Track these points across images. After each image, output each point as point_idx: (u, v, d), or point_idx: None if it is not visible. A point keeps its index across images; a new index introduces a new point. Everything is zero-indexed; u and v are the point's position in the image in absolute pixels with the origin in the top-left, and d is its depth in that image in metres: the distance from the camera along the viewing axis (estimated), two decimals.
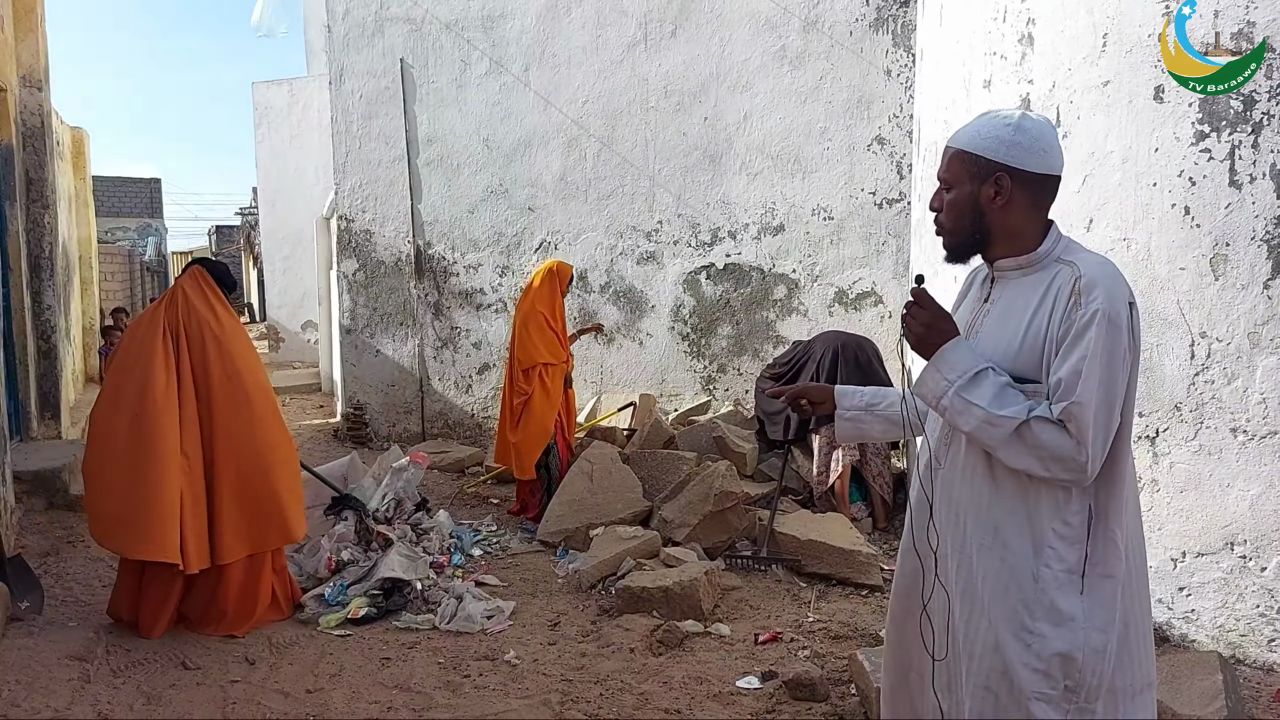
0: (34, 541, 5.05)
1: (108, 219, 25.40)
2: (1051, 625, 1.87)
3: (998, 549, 1.94)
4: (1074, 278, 1.87)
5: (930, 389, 1.93)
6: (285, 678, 3.59)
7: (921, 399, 2.00)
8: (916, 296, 1.95)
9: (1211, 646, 3.61)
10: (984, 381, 1.87)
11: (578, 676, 3.62)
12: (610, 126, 7.80)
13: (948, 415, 1.93)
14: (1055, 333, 1.86)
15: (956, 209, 2.00)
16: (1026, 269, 1.98)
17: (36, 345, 7.00)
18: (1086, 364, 1.80)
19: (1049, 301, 1.90)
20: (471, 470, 7.15)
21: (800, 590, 4.59)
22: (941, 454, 2.06)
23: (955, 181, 1.99)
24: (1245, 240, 3.50)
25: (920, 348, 1.94)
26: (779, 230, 7.69)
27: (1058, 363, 1.85)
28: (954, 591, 2.00)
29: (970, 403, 1.86)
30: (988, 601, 1.94)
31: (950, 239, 2.03)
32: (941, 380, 1.90)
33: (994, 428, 1.84)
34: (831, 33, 7.49)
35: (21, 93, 6.99)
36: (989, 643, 1.93)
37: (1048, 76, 4.17)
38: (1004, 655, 1.91)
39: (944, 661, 2.04)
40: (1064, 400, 1.81)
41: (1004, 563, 1.93)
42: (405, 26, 7.85)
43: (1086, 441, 1.80)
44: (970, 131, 2.01)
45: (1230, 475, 3.57)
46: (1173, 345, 3.70)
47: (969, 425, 1.88)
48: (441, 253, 8.04)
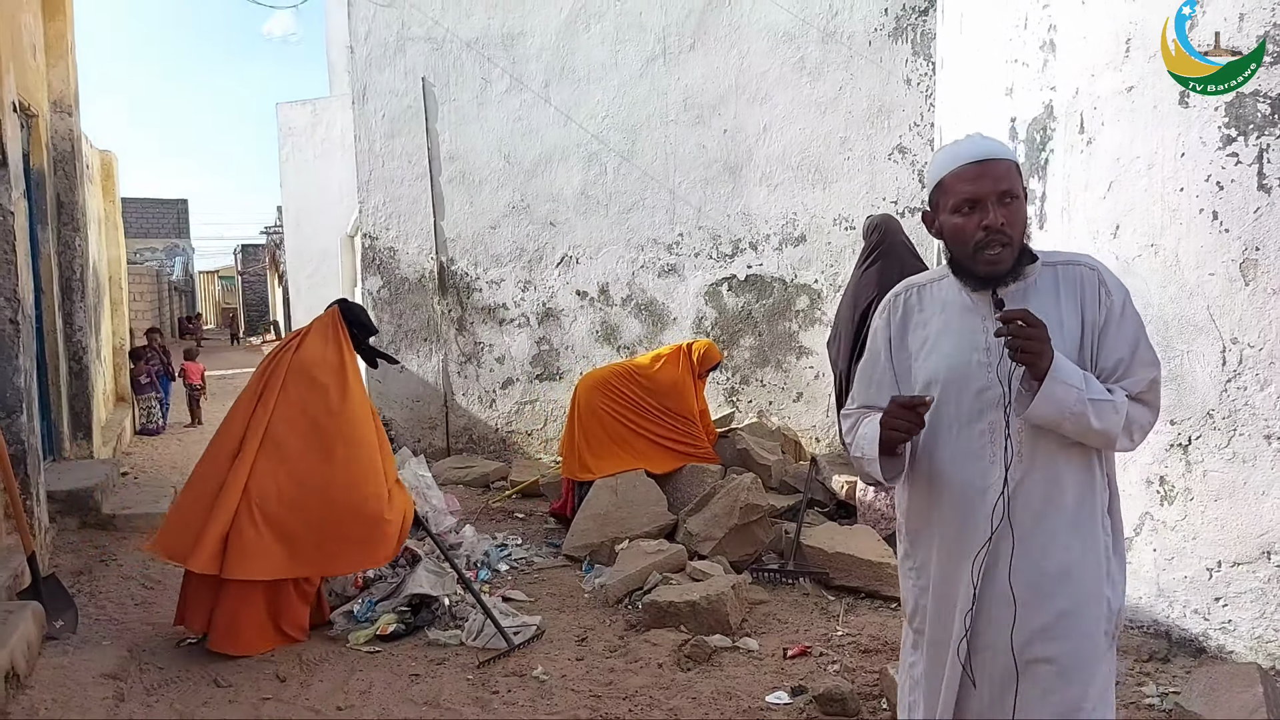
0: (68, 561, 5.12)
1: (136, 240, 25.81)
2: (1112, 589, 2.02)
3: (1077, 540, 1.98)
4: (1095, 273, 2.00)
5: (1061, 401, 1.88)
6: (316, 695, 3.61)
7: (1041, 418, 1.91)
8: (1024, 316, 1.86)
9: (1250, 657, 3.54)
10: (1091, 379, 1.93)
11: (606, 692, 3.61)
12: (630, 140, 7.83)
13: (1073, 423, 1.90)
14: (1095, 321, 1.97)
15: (1023, 223, 1.99)
16: (1028, 279, 2.01)
17: (68, 366, 7.10)
18: (1142, 338, 1.98)
19: (1075, 298, 1.99)
20: (496, 485, 7.17)
21: (828, 604, 4.56)
22: (1024, 471, 1.98)
23: (1021, 193, 1.99)
24: (1276, 245, 3.45)
25: (1041, 363, 1.87)
26: (800, 241, 7.68)
27: (1110, 346, 1.97)
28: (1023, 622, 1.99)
29: (1099, 401, 1.91)
30: (1065, 593, 1.97)
31: (1012, 256, 1.96)
32: (1070, 389, 1.88)
33: (1119, 415, 1.92)
34: (850, 43, 7.49)
35: (53, 118, 7.12)
36: (1081, 629, 1.97)
37: (1070, 83, 4.14)
38: (1093, 634, 1.98)
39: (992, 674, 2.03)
40: (1135, 374, 1.96)
41: (1081, 551, 1.98)
42: (426, 46, 7.93)
43: (1159, 405, 2.01)
44: (1001, 144, 2.04)
45: (1265, 483, 3.51)
46: (1203, 352, 3.65)
47: (1100, 423, 1.90)
48: (464, 269, 8.09)
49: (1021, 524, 1.97)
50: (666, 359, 6.03)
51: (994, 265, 1.95)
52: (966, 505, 2.02)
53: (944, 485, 2.06)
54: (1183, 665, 3.69)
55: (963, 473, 2.02)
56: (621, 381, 5.90)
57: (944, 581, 2.09)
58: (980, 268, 1.97)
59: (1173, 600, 3.81)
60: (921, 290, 2.14)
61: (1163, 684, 3.56)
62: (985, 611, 2.01)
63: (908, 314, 2.14)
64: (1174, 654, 3.77)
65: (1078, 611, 1.98)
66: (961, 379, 2.02)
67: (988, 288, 1.99)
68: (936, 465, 2.07)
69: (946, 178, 2.00)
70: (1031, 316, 1.86)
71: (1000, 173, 1.95)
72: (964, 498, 2.02)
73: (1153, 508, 3.87)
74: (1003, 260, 1.95)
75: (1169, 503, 3.81)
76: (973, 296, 2.04)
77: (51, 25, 7.08)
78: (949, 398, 2.03)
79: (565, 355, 8.03)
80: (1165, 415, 3.76)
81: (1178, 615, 3.79)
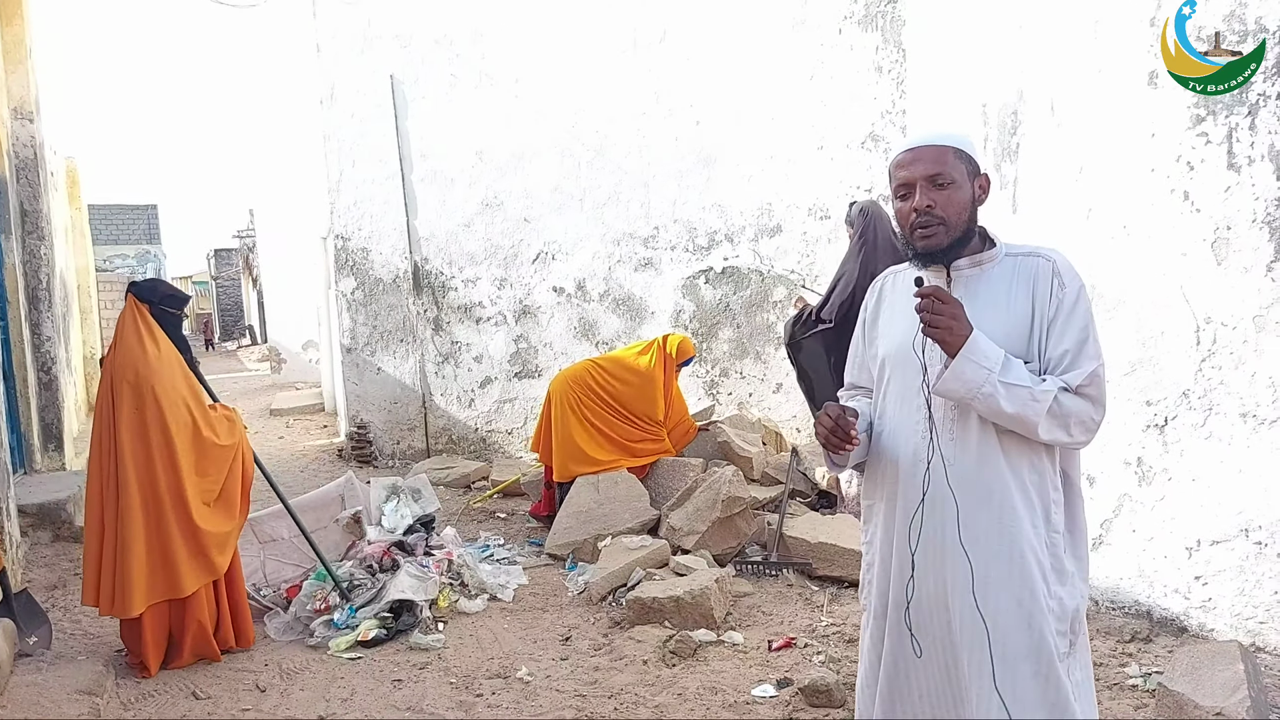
0: (41, 575, 5.03)
1: (106, 247, 25.51)
2: (1062, 586, 2.00)
3: (1010, 529, 1.98)
4: (1050, 264, 2.02)
5: (969, 379, 1.93)
6: (297, 704, 3.56)
7: (949, 394, 1.98)
8: (935, 292, 1.95)
9: (1230, 635, 3.57)
10: (1013, 364, 1.94)
11: (591, 691, 3.59)
12: (603, 134, 7.78)
13: (982, 403, 1.94)
14: (1045, 312, 1.99)
15: (959, 205, 2.03)
16: (985, 265, 2.07)
17: (37, 377, 6.97)
18: (1090, 332, 1.98)
19: (1027, 289, 2.01)
20: (478, 485, 7.12)
21: (812, 594, 4.56)
22: (951, 450, 2.02)
23: (958, 178, 2.03)
24: (1246, 223, 3.46)
25: (951, 340, 1.94)
26: (776, 231, 7.67)
27: (1056, 337, 1.98)
28: (962, 586, 2.00)
29: (1012, 385, 1.91)
30: (1005, 584, 1.97)
31: (947, 236, 2.03)
32: (980, 369, 1.92)
33: (1038, 404, 1.91)
34: (820, 31, 7.47)
35: (13, 125, 6.99)
36: (1016, 622, 1.97)
37: (1041, 64, 4.15)
38: (1036, 628, 1.96)
39: (946, 663, 2.04)
40: (1079, 367, 1.94)
41: (1018, 541, 1.97)
42: (394, 43, 7.83)
43: (1104, 401, 1.97)
44: (946, 132, 2.10)
45: (1242, 461, 3.53)
46: (1178, 332, 3.67)
47: (1012, 407, 1.91)
48: (439, 268, 8.02)
49: (961, 499, 2.00)
50: (641, 353, 6.00)
51: (927, 241, 2.04)
52: (905, 478, 2.10)
53: (887, 460, 2.16)
54: (1165, 645, 3.71)
55: (903, 447, 2.11)
56: (591, 378, 5.86)
57: (885, 555, 2.17)
58: (917, 244, 2.06)
59: (1153, 580, 3.83)
60: (896, 276, 2.26)
61: (1145, 664, 3.58)
62: (923, 581, 2.06)
63: (881, 298, 2.28)
64: (1156, 634, 3.79)
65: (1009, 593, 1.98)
66: (904, 358, 2.12)
67: (933, 264, 2.07)
68: (884, 441, 2.17)
69: (890, 167, 2.15)
70: (944, 293, 1.97)
71: (929, 157, 2.04)
72: (902, 470, 2.11)
73: (1131, 489, 3.88)
74: (935, 237, 2.03)
75: (1147, 483, 3.83)
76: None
77: (8, 30, 6.94)
78: (895, 376, 2.15)
79: (543, 352, 7.99)
80: (1141, 396, 3.79)
81: (1158, 595, 3.81)
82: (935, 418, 2.04)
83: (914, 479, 2.07)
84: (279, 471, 8.08)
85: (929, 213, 2.02)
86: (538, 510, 6.01)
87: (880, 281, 2.31)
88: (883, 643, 2.16)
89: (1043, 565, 1.98)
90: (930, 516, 2.03)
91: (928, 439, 2.05)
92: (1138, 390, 3.80)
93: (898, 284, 2.23)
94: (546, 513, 5.83)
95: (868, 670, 2.24)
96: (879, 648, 2.18)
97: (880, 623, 2.18)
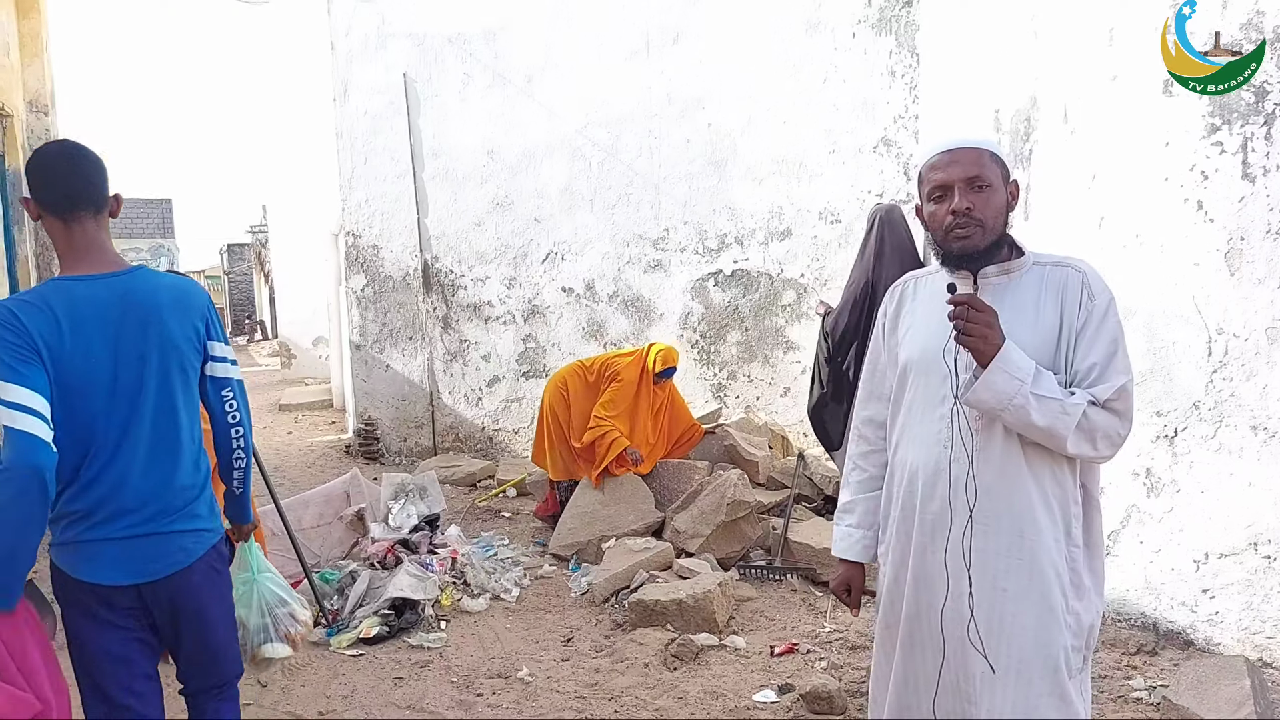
0: (45, 566, 5.04)
1: (120, 240, 25.63)
2: (1080, 601, 1.97)
3: (1031, 542, 1.94)
4: (1080, 275, 1.98)
5: (1001, 390, 1.89)
6: (298, 700, 3.56)
7: (980, 404, 1.93)
8: (970, 300, 1.91)
9: (1237, 650, 3.53)
10: (1044, 376, 1.91)
11: (592, 693, 3.58)
12: (614, 135, 7.77)
13: (1013, 414, 1.90)
14: (1073, 324, 1.95)
15: (996, 209, 2.00)
16: (1014, 273, 2.02)
17: None
18: (1119, 346, 1.94)
19: (1056, 298, 1.97)
20: (483, 484, 7.12)
21: (816, 600, 4.53)
22: (974, 461, 1.99)
23: (995, 181, 2.00)
24: (1260, 234, 3.43)
25: (985, 349, 1.90)
26: (786, 235, 7.64)
27: (1085, 350, 1.94)
28: (979, 598, 1.97)
29: (1044, 397, 1.88)
30: (1024, 598, 1.94)
31: (985, 239, 1.99)
32: (1013, 380, 1.88)
33: (1068, 417, 1.88)
34: (834, 35, 7.44)
35: (29, 118, 7.01)
36: (1032, 636, 1.94)
37: (1054, 71, 4.12)
38: (1052, 643, 1.93)
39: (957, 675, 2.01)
40: (1108, 381, 1.90)
41: (1038, 555, 1.94)
42: (408, 41, 7.85)
43: (1131, 416, 1.93)
44: (979, 136, 2.08)
45: (1252, 474, 3.49)
46: (1189, 342, 3.63)
47: (1043, 420, 1.88)
48: (449, 266, 8.03)
49: (983, 510, 1.97)
50: (630, 360, 5.91)
51: (964, 242, 1.99)
52: (925, 488, 2.05)
53: (907, 470, 2.10)
54: (1171, 658, 3.67)
55: (924, 457, 2.06)
56: (575, 377, 5.85)
57: (899, 565, 2.13)
58: (953, 246, 2.01)
59: (1160, 593, 3.80)
60: (919, 281, 2.22)
61: (1151, 677, 3.55)
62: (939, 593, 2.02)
63: (901, 303, 2.23)
64: (1162, 646, 3.75)
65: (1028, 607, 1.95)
66: (929, 365, 2.06)
67: (965, 268, 2.02)
68: (904, 451, 2.12)
69: (923, 169, 2.08)
70: (978, 301, 1.91)
71: (968, 159, 2.00)
72: (922, 480, 2.06)
73: (1139, 500, 3.85)
74: (973, 239, 1.99)
75: (1155, 495, 3.79)
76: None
77: (25, 23, 6.97)
78: (918, 383, 2.09)
79: (551, 352, 7.98)
80: (1151, 407, 3.76)
81: (1165, 608, 3.78)
82: (959, 427, 2.00)
83: (934, 489, 2.02)
84: (286, 466, 8.11)
85: (968, 215, 1.97)
86: (542, 511, 6.01)
87: (900, 286, 2.26)
88: (895, 654, 2.13)
89: (1062, 580, 1.95)
90: (951, 528, 2.00)
91: (949, 450, 2.01)
92: (1148, 401, 3.77)
93: (919, 289, 2.18)
94: (551, 513, 5.83)
95: (877, 684, 2.22)
96: (891, 659, 2.15)
97: (893, 633, 2.14)
